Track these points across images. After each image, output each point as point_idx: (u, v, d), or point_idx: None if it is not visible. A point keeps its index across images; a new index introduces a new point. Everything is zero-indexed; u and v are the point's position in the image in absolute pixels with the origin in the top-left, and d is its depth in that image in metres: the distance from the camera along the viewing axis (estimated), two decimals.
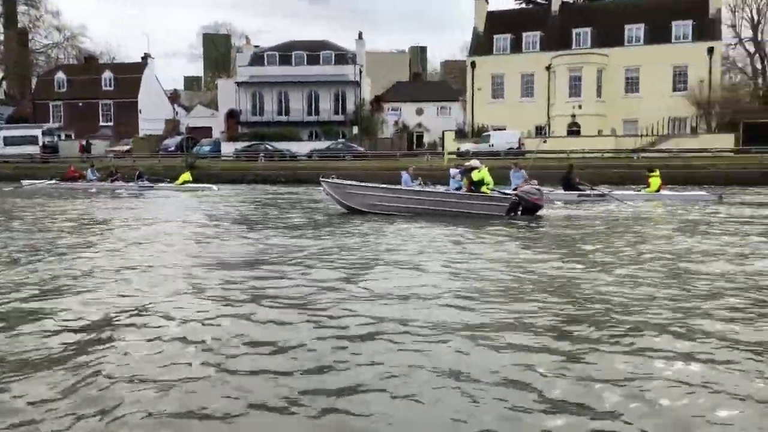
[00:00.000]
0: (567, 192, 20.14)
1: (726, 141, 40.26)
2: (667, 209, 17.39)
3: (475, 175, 15.66)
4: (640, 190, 20.68)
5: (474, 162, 16.31)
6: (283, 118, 56.44)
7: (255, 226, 14.15)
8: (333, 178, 16.60)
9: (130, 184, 28.93)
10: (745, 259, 9.19)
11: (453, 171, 17.14)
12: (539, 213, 15.39)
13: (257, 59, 58.56)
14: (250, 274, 8.09)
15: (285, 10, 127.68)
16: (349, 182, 16.46)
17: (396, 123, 58.37)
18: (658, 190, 20.16)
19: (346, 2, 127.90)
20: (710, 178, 29.28)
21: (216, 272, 8.30)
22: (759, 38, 61.46)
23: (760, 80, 59.77)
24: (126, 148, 51.16)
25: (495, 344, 5.10)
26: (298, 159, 43.86)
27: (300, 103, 56.65)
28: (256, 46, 62.46)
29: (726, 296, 6.77)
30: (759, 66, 62.39)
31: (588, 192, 20.13)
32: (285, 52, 58.53)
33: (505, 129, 45.94)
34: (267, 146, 47.07)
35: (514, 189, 19.09)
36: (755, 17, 61.10)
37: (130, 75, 63.42)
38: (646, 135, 43.41)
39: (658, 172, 20.73)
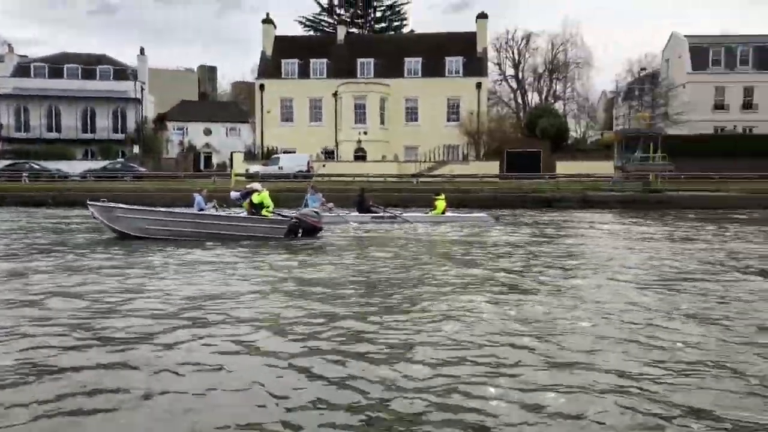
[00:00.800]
0: (361, 214, 20.66)
1: (492, 167, 44.39)
2: (451, 229, 18.57)
3: (255, 198, 15.54)
4: (427, 212, 21.73)
5: (255, 185, 16.17)
6: (54, 135, 51.80)
7: None
8: (103, 201, 15.39)
9: None
10: (521, 273, 10.08)
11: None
12: (319, 235, 15.63)
13: (22, 70, 53.13)
14: None
15: (69, 21, 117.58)
16: (117, 205, 15.32)
17: (181, 143, 56.23)
18: (443, 212, 21.38)
19: (134, 15, 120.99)
20: (479, 201, 31.91)
21: None
22: (520, 76, 69.18)
23: (521, 114, 67.00)
24: None
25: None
26: (69, 179, 40.26)
27: (74, 119, 52.43)
28: (23, 56, 56.66)
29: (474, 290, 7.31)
30: (521, 101, 70.10)
31: (381, 214, 20.78)
32: (56, 65, 53.86)
33: (294, 152, 46.36)
34: (33, 165, 42.67)
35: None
36: (516, 58, 68.78)
37: None
38: (425, 161, 46.43)
39: (443, 196, 22.02)
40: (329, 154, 49.81)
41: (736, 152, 45.02)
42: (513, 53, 68.39)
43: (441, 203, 21.48)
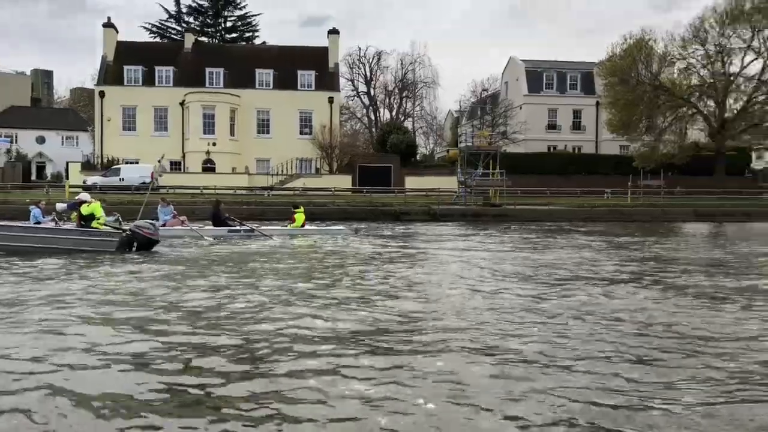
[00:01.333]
0: (217, 227, 19.91)
1: (345, 181, 44.88)
2: (311, 242, 18.39)
3: (85, 210, 14.50)
4: (286, 225, 21.40)
5: (83, 195, 15.09)
6: None
7: None
8: None
9: None
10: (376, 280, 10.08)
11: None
12: (155, 248, 14.83)
13: None
14: None
15: None
16: None
17: (8, 151, 51.55)
18: (302, 225, 21.16)
19: None
20: (331, 214, 32.03)
21: None
22: (372, 93, 70.67)
23: (374, 129, 68.35)
24: None
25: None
26: None
27: None
28: None
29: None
30: (373, 117, 71.58)
31: (237, 227, 20.16)
32: None
33: (137, 162, 44.04)
34: None
35: (163, 224, 18.35)
36: (368, 74, 70.21)
37: None
38: (277, 174, 45.97)
39: (302, 209, 21.80)
40: (175, 165, 47.86)
41: (567, 169, 48.96)
42: (365, 70, 69.82)
43: (300, 216, 21.34)
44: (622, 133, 47.24)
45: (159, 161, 23.85)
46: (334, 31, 53.39)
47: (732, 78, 44.40)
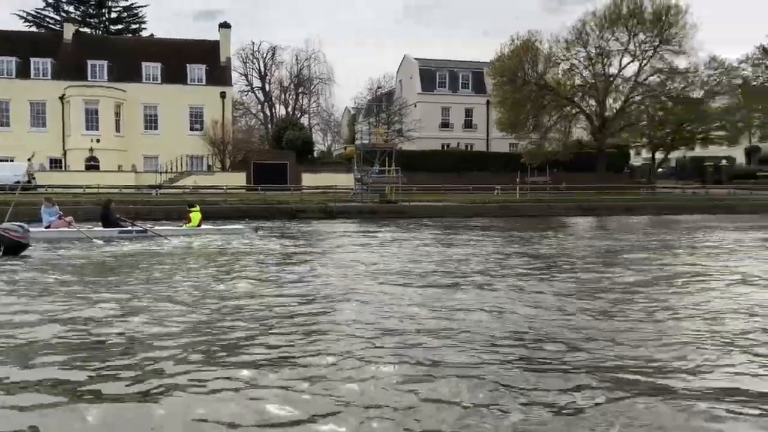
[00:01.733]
0: (107, 228, 18.71)
1: (239, 179, 43.77)
2: (208, 242, 17.74)
3: None
4: (181, 225, 20.58)
5: None
6: None
7: None
8: None
9: None
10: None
11: None
12: (24, 252, 13.74)
13: None
14: None
15: None
16: None
17: None
18: (199, 225, 20.39)
19: None
20: (224, 213, 30.99)
21: None
22: (267, 89, 69.48)
23: (269, 126, 67.19)
24: None
25: None
26: None
27: None
28: None
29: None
30: (269, 113, 70.38)
31: (129, 228, 19.07)
32: None
33: (12, 161, 41.03)
34: None
35: (47, 226, 17.18)
36: (263, 70, 68.93)
37: None
38: (167, 171, 44.14)
39: (198, 208, 20.98)
40: (56, 163, 45.02)
41: (460, 167, 50.16)
42: (259, 65, 68.50)
43: (196, 215, 20.57)
44: (511, 131, 48.97)
45: (29, 159, 22.25)
46: (225, 25, 52.01)
47: (611, 79, 47.02)
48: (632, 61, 46.45)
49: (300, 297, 9.02)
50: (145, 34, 66.24)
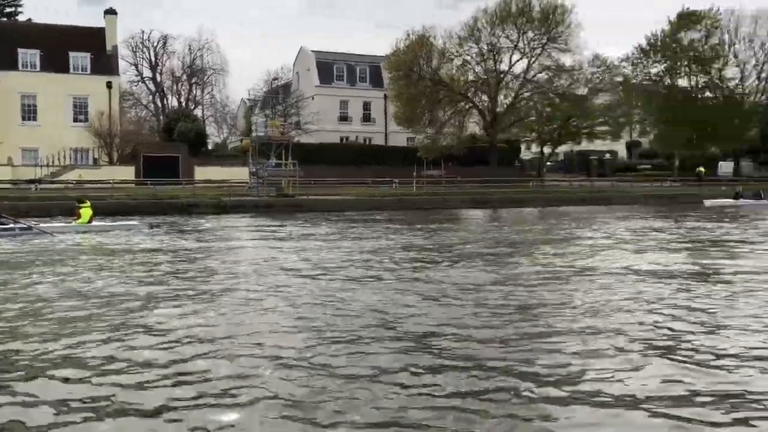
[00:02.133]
0: None
1: (127, 173, 41.85)
2: (100, 239, 17.13)
3: None
4: (71, 222, 19.67)
5: None
6: None
7: None
8: None
9: None
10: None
11: None
12: None
13: None
14: None
15: None
16: None
17: None
18: (90, 221, 19.56)
19: None
20: (110, 208, 29.48)
21: None
22: (158, 79, 66.85)
23: (161, 117, 64.66)
24: None
25: None
26: None
27: None
28: None
29: None
30: (160, 104, 67.74)
31: (12, 225, 17.74)
32: None
33: None
34: None
35: None
36: (153, 59, 66.22)
37: None
38: (48, 165, 41.50)
39: (89, 204, 20.16)
40: None
41: (358, 160, 50.28)
42: (149, 54, 65.78)
43: (87, 211, 19.70)
44: (407, 125, 49.65)
45: None
46: (111, 11, 49.46)
47: (502, 75, 48.62)
48: (521, 58, 48.27)
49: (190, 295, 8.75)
50: (21, 18, 61.94)
